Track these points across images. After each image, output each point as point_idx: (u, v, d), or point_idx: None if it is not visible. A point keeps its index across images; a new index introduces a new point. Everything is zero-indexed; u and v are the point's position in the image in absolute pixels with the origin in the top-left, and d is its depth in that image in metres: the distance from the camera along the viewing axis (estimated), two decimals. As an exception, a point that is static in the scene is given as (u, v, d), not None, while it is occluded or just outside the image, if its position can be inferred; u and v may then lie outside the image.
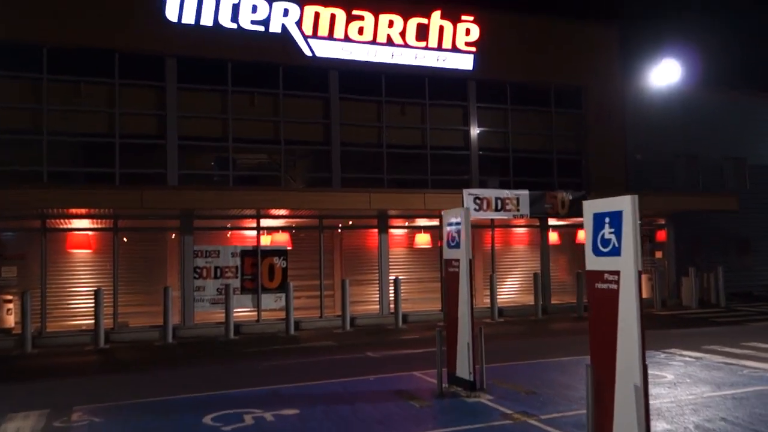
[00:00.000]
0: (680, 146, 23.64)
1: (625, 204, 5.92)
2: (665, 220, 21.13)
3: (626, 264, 5.88)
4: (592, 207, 6.39)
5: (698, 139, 23.79)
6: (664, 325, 16.20)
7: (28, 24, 16.02)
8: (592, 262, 6.31)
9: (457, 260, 8.87)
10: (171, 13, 17.41)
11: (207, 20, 17.72)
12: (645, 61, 24.24)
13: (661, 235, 21.18)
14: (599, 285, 6.16)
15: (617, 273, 5.95)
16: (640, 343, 5.65)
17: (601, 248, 6.22)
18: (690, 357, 11.42)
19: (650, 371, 9.73)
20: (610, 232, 6.09)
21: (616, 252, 5.99)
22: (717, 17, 48.81)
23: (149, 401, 9.01)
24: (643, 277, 20.63)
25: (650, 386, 8.73)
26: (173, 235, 16.76)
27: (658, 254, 21.02)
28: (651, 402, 6.85)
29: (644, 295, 19.98)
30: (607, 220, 6.14)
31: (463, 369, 8.70)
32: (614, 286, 5.98)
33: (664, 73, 23.24)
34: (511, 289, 19.87)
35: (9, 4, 16.05)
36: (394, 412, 8.06)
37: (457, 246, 8.86)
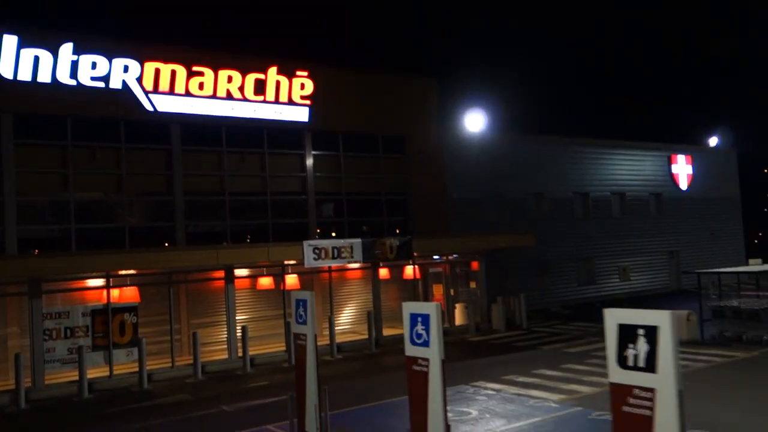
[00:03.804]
0: (491, 186, 27.26)
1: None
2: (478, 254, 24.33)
3: (433, 354, 7.95)
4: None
5: (506, 179, 27.63)
6: (475, 353, 19.05)
7: None
8: (410, 350, 8.34)
9: (305, 335, 10.56)
10: (5, 70, 17.41)
11: (45, 77, 17.91)
12: (461, 110, 27.60)
13: (475, 265, 24.30)
14: (415, 367, 8.19)
15: (427, 360, 8.01)
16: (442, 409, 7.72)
17: (416, 340, 8.26)
18: (491, 390, 14.00)
19: (458, 407, 12.15)
20: (422, 328, 8.16)
21: (426, 344, 8.06)
22: (523, 69, 55.54)
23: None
24: (460, 305, 23.79)
25: (458, 423, 11.06)
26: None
27: (473, 284, 24.15)
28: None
29: (461, 322, 23.02)
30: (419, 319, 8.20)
31: (311, 425, 10.42)
32: (426, 369, 8.03)
33: (475, 122, 26.76)
34: (348, 322, 21.93)
35: None
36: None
37: (305, 323, 10.56)
